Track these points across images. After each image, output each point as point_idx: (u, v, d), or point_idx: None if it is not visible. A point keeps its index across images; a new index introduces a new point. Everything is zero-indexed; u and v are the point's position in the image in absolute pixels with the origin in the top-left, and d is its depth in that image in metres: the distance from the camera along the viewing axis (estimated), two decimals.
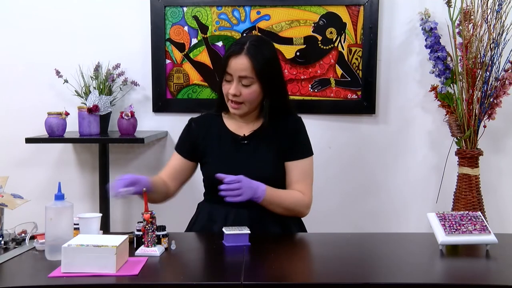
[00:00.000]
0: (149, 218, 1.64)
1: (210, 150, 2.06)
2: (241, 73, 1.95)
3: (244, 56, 1.95)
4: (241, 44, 1.98)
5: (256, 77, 1.96)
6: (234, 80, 1.96)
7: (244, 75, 1.95)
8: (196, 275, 1.61)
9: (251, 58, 1.95)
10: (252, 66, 1.95)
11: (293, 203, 1.99)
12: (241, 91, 1.96)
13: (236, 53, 1.96)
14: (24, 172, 2.85)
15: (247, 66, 1.95)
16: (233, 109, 2.00)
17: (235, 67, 1.96)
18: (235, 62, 1.96)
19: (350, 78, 2.77)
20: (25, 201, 1.81)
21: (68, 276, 1.44)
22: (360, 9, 2.74)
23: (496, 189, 2.82)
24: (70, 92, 2.76)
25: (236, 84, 1.96)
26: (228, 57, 1.98)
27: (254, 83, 1.97)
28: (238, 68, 1.95)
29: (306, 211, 2.04)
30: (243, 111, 2.01)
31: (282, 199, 1.98)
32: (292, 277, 1.57)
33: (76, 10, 2.82)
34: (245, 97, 1.97)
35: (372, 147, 2.84)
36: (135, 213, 2.87)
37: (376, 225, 2.83)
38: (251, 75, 1.95)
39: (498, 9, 2.48)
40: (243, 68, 1.95)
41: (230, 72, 1.97)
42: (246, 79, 1.96)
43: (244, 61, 1.95)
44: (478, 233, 1.72)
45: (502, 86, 2.55)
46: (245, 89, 1.97)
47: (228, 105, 2.02)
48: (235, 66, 1.96)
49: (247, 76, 1.96)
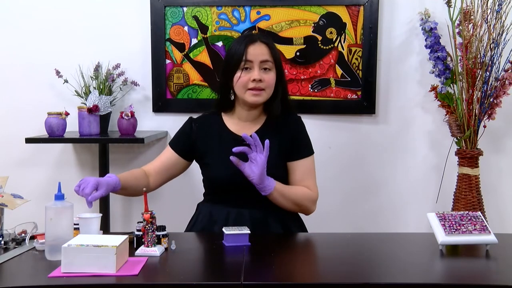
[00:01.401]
0: (149, 218, 1.64)
1: (211, 151, 2.06)
2: (263, 57, 2.00)
3: (261, 43, 2.02)
4: (250, 36, 2.06)
5: (274, 62, 2.02)
6: (255, 66, 1.99)
7: (265, 59, 2.00)
8: (196, 275, 1.61)
9: (268, 44, 2.03)
10: (270, 52, 2.02)
11: (301, 197, 2.01)
12: (263, 77, 1.99)
13: (252, 41, 2.02)
14: (24, 172, 2.85)
15: (266, 51, 2.01)
16: (255, 96, 2.00)
17: (255, 52, 1.99)
18: (254, 48, 2.00)
19: (350, 78, 2.77)
20: (25, 201, 1.81)
21: (68, 276, 1.44)
22: (360, 9, 2.74)
23: (496, 189, 2.82)
24: (70, 92, 2.76)
25: (258, 69, 1.99)
26: (246, 46, 2.00)
27: (273, 69, 2.02)
28: (259, 53, 2.00)
29: (313, 206, 2.05)
30: (263, 98, 2.01)
31: (291, 193, 1.99)
32: (292, 277, 1.57)
33: (76, 10, 2.82)
34: (267, 82, 2.00)
35: (372, 147, 2.84)
36: (135, 213, 2.87)
37: (376, 225, 2.83)
38: (271, 59, 2.01)
39: (498, 9, 2.48)
40: (263, 53, 2.00)
41: (250, 58, 1.99)
42: (267, 63, 2.00)
43: (262, 46, 2.01)
44: (478, 233, 1.72)
45: (502, 86, 2.55)
46: (267, 74, 2.00)
47: (247, 95, 2.00)
48: (254, 51, 2.00)
49: (268, 60, 2.01)
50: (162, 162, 2.09)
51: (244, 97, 2.01)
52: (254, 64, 1.98)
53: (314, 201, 2.05)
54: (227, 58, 2.06)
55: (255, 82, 1.97)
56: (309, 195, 2.03)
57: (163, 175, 2.08)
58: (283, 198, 1.96)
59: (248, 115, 2.07)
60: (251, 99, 2.00)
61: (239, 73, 1.99)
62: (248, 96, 2.00)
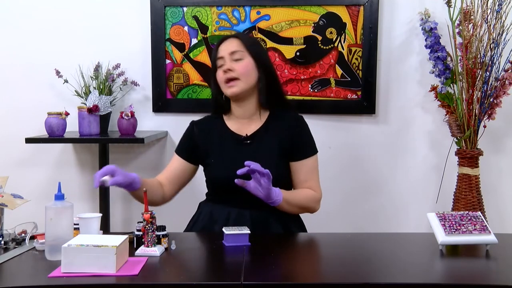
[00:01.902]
0: (149, 218, 1.64)
1: (213, 151, 2.06)
2: (231, 48, 2.04)
3: (232, 38, 2.09)
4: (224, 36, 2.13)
5: (247, 50, 2.04)
6: (226, 59, 2.03)
7: (234, 50, 2.04)
8: (196, 275, 1.61)
9: (239, 36, 2.11)
10: (241, 42, 2.06)
11: (307, 201, 2.03)
12: (233, 66, 2.02)
13: (222, 40, 2.09)
14: (24, 172, 2.85)
15: (237, 43, 2.06)
16: (229, 87, 2.02)
17: (225, 48, 2.06)
18: (224, 44, 2.07)
19: (350, 78, 2.77)
20: (25, 201, 1.81)
21: (68, 276, 1.45)
22: (360, 9, 2.74)
23: (496, 189, 2.82)
24: (70, 92, 2.76)
25: (229, 61, 2.03)
26: (217, 46, 2.09)
27: (246, 57, 2.04)
28: (228, 47, 2.05)
29: (317, 206, 2.07)
30: (240, 88, 2.02)
31: (297, 199, 2.00)
32: (292, 277, 1.57)
33: (76, 10, 2.82)
34: (239, 70, 2.02)
35: (372, 147, 2.84)
36: (135, 213, 2.87)
37: (376, 225, 2.83)
38: (241, 49, 2.04)
39: (498, 9, 2.48)
40: (232, 45, 2.05)
41: (220, 55, 2.05)
42: (237, 53, 2.04)
43: (232, 40, 2.08)
44: (478, 233, 1.72)
45: (502, 86, 2.55)
46: (238, 63, 2.03)
47: (225, 90, 2.04)
48: (225, 47, 2.06)
49: (237, 50, 2.04)
50: (172, 171, 2.10)
51: (225, 92, 2.05)
52: (225, 58, 2.03)
53: (318, 201, 2.07)
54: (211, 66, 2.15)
55: (226, 73, 2.01)
56: (314, 197, 2.04)
57: (175, 184, 2.10)
58: (290, 206, 1.97)
59: (243, 112, 2.08)
60: (228, 91, 2.03)
61: (217, 72, 2.06)
62: (226, 90, 2.04)
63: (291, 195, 1.99)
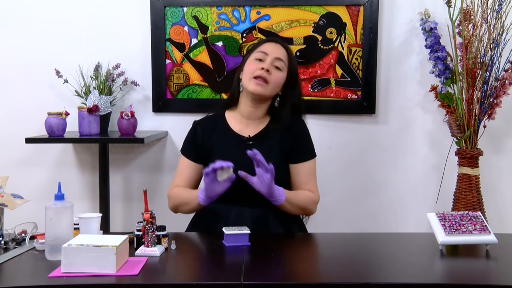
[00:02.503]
0: (149, 218, 1.64)
1: (215, 151, 2.06)
2: (278, 55, 2.05)
3: (281, 46, 2.10)
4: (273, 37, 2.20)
5: (287, 66, 2.07)
6: (268, 59, 2.04)
7: (280, 57, 2.05)
8: (196, 275, 1.61)
9: (286, 49, 2.11)
10: (287, 56, 2.08)
11: (306, 202, 2.04)
12: (272, 71, 2.03)
13: (272, 40, 2.12)
14: (24, 172, 2.85)
15: (284, 54, 2.08)
16: (257, 85, 2.02)
17: (272, 48, 2.07)
18: (273, 46, 2.08)
19: (350, 78, 2.77)
20: (25, 201, 1.81)
21: (68, 276, 1.45)
22: (360, 9, 2.74)
23: (496, 189, 2.82)
24: (70, 92, 2.76)
25: (270, 62, 2.04)
26: (265, 41, 2.11)
27: (284, 71, 2.06)
28: (276, 50, 2.07)
29: (315, 208, 2.09)
30: (265, 91, 2.03)
31: (298, 200, 2.02)
32: (292, 277, 1.57)
33: (76, 10, 2.82)
34: (274, 78, 2.03)
35: (372, 147, 2.84)
36: (135, 213, 2.87)
37: (376, 225, 2.82)
38: (285, 61, 2.06)
39: (498, 9, 2.48)
40: (280, 52, 2.07)
41: (266, 51, 2.05)
42: (280, 62, 2.05)
43: (281, 48, 2.09)
44: (478, 233, 1.72)
45: (502, 86, 2.55)
46: (276, 71, 2.04)
47: (251, 83, 2.03)
48: (272, 47, 2.07)
49: (282, 60, 2.05)
50: (187, 177, 2.10)
51: (248, 85, 2.03)
52: (268, 57, 2.04)
53: (317, 203, 2.09)
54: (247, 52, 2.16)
55: (263, 70, 2.00)
56: (313, 199, 2.06)
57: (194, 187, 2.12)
58: (291, 206, 1.99)
59: (251, 113, 2.08)
60: (253, 87, 2.02)
61: (251, 61, 2.05)
62: (251, 85, 2.03)
63: (293, 195, 2.00)
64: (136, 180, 2.88)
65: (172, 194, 2.08)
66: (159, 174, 2.86)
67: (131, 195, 2.89)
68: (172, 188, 2.10)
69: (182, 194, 2.04)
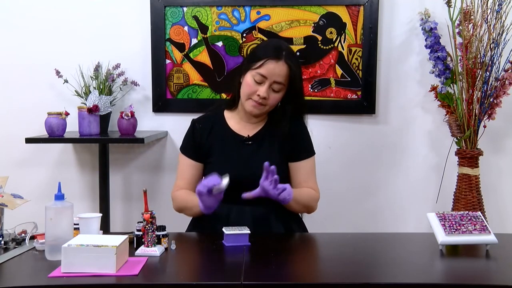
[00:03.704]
0: (149, 218, 1.64)
1: (214, 149, 2.07)
2: (278, 78, 1.98)
3: (283, 63, 1.99)
4: (278, 51, 1.99)
5: (288, 84, 2.01)
6: (266, 83, 1.98)
7: (279, 81, 1.99)
8: (196, 275, 1.61)
9: (290, 65, 1.99)
10: (289, 74, 1.99)
11: (310, 200, 2.05)
12: (269, 95, 1.99)
13: (276, 58, 1.98)
14: (24, 172, 2.85)
15: (285, 73, 1.99)
16: (254, 108, 2.01)
17: (273, 71, 1.97)
18: (275, 67, 1.98)
19: (350, 78, 2.77)
20: (25, 201, 1.81)
21: (68, 276, 1.45)
22: (360, 9, 2.74)
23: (496, 189, 2.82)
24: (70, 92, 2.76)
25: (268, 87, 1.98)
26: (267, 59, 1.97)
27: (282, 91, 2.02)
28: (276, 74, 1.98)
29: (316, 205, 2.09)
30: (261, 112, 2.04)
31: (303, 197, 2.02)
32: (292, 277, 1.57)
33: (76, 10, 2.82)
34: (271, 101, 2.01)
35: (372, 147, 2.84)
36: (135, 213, 2.87)
37: (376, 225, 2.83)
38: (285, 82, 2.00)
39: (498, 9, 2.48)
40: (281, 75, 1.98)
41: (265, 75, 1.98)
42: (279, 85, 1.99)
43: (283, 68, 1.98)
44: (478, 233, 1.72)
45: (502, 86, 2.55)
46: (274, 94, 2.01)
47: (248, 104, 2.02)
48: (273, 70, 1.97)
49: (281, 83, 1.99)
50: (188, 177, 2.08)
51: (244, 103, 2.03)
52: (267, 81, 1.98)
53: (317, 200, 2.09)
54: (248, 57, 2.08)
55: (259, 97, 1.99)
56: (315, 196, 2.07)
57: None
58: (297, 204, 1.99)
59: (250, 118, 2.09)
60: (249, 109, 2.03)
61: (249, 79, 2.00)
62: (247, 105, 2.02)
63: (299, 193, 2.00)
64: (136, 180, 2.88)
65: (176, 196, 2.08)
66: (159, 174, 2.86)
67: (131, 195, 2.89)
68: (175, 190, 2.09)
69: (186, 199, 2.04)
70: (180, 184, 2.09)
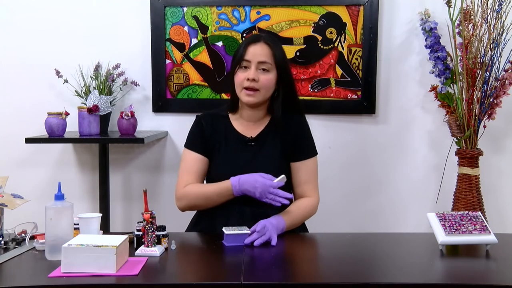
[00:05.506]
0: (149, 218, 1.64)
1: (217, 149, 2.06)
2: (261, 58, 1.99)
3: (263, 43, 2.01)
4: (255, 36, 2.05)
5: (275, 64, 2.00)
6: (252, 66, 1.99)
7: (263, 60, 1.99)
8: (196, 275, 1.61)
9: (271, 45, 2.02)
10: (272, 53, 2.00)
11: (306, 213, 2.04)
12: (259, 77, 1.98)
13: (254, 41, 2.01)
14: (24, 172, 2.85)
15: (267, 52, 2.00)
16: (248, 96, 1.99)
17: (254, 52, 1.99)
18: (254, 48, 2.00)
19: (350, 78, 2.77)
20: (25, 201, 1.81)
21: (68, 276, 1.45)
22: (360, 9, 2.74)
23: (496, 189, 2.82)
24: (70, 92, 2.76)
25: (255, 69, 1.99)
26: (246, 45, 2.01)
27: (272, 70, 2.01)
28: (258, 53, 1.99)
29: (315, 210, 2.08)
30: (258, 99, 2.01)
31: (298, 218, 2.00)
32: (292, 277, 1.57)
33: (76, 10, 2.82)
34: (262, 83, 1.99)
35: (372, 147, 2.84)
36: (135, 213, 2.87)
37: (376, 225, 2.83)
38: (270, 61, 2.00)
39: (498, 9, 2.48)
40: (263, 54, 2.00)
41: (248, 58, 1.99)
42: (265, 64, 1.99)
43: (263, 47, 2.00)
44: (478, 233, 1.72)
45: (502, 86, 2.55)
46: (263, 75, 2.00)
47: (242, 95, 2.01)
48: (254, 51, 1.99)
49: (266, 62, 2.00)
50: (196, 171, 2.04)
51: (240, 96, 2.02)
52: (252, 63, 1.99)
53: (316, 206, 2.07)
54: (233, 57, 2.08)
55: (249, 81, 1.98)
56: (311, 205, 2.05)
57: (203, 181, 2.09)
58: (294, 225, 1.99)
59: (251, 115, 2.08)
60: (245, 99, 2.01)
61: (238, 71, 2.01)
62: (242, 95, 2.01)
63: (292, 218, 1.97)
64: (136, 180, 2.88)
65: (187, 192, 2.00)
66: (159, 174, 2.86)
67: (131, 195, 2.89)
68: (183, 187, 2.01)
69: (203, 190, 1.99)
70: (188, 179, 2.02)
